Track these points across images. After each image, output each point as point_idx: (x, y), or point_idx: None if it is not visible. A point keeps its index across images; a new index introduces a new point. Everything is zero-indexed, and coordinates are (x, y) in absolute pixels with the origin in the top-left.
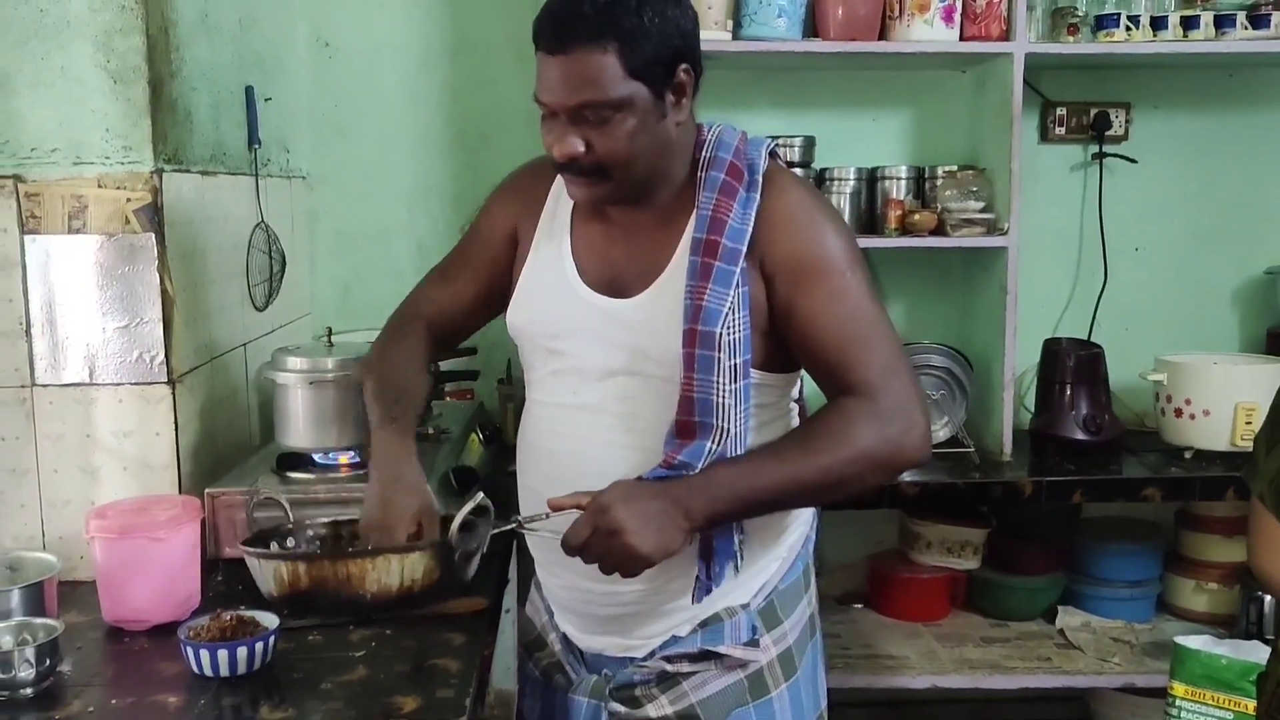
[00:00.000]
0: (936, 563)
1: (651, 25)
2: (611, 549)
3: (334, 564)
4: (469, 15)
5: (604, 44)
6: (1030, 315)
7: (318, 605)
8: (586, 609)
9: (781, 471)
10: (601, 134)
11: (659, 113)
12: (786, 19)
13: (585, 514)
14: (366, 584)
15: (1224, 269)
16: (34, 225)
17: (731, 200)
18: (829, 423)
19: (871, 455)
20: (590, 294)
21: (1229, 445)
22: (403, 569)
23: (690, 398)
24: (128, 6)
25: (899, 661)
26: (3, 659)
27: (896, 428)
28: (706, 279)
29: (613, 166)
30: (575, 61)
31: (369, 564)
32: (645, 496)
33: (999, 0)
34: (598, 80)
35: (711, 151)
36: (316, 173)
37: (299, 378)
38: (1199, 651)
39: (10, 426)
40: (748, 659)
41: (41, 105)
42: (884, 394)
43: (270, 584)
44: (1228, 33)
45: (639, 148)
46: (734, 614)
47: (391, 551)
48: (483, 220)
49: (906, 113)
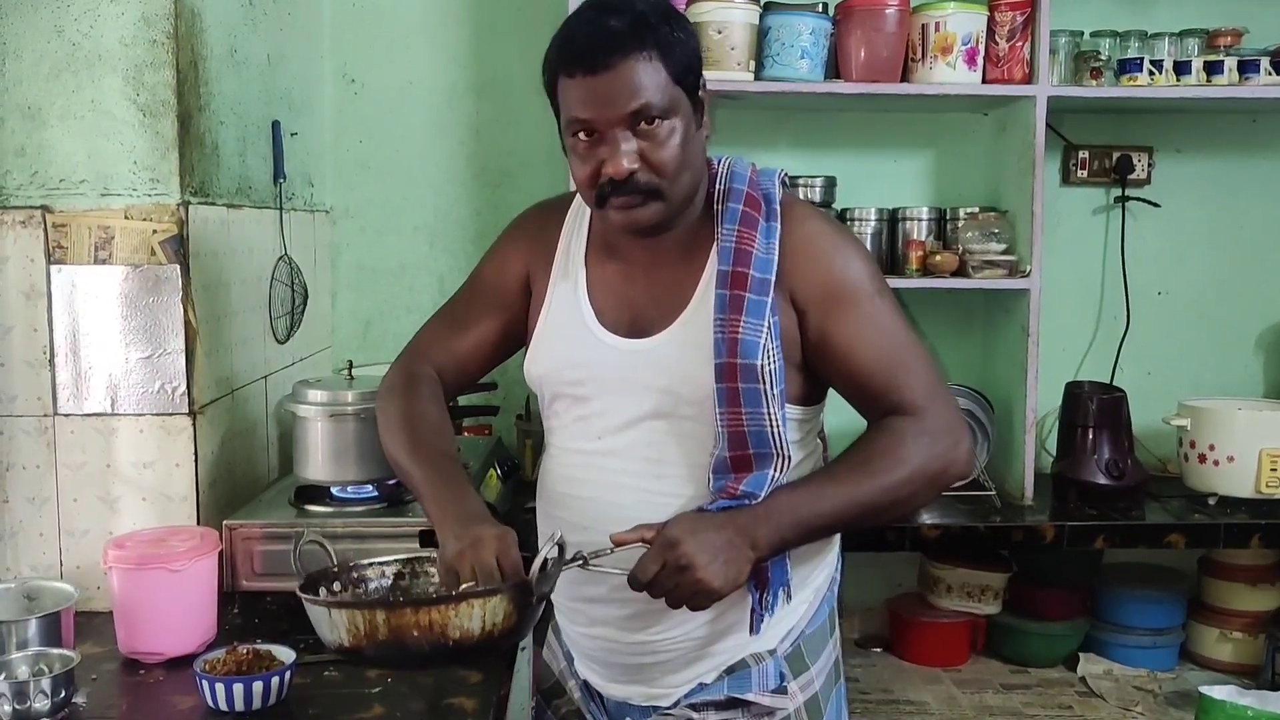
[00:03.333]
0: (957, 607)
1: (680, 37)
2: (682, 584)
3: (416, 612)
4: (492, 55)
5: (648, 51)
6: (1052, 358)
7: (391, 654)
8: (612, 658)
9: (842, 495)
10: (653, 144)
11: (696, 122)
12: (809, 60)
13: (653, 549)
14: (449, 631)
15: (1247, 314)
16: (60, 255)
17: (753, 231)
18: (881, 444)
19: (926, 473)
20: (611, 337)
21: (1253, 492)
22: (485, 614)
23: (741, 432)
24: (159, 41)
25: (918, 707)
26: (19, 689)
27: (945, 444)
28: (738, 311)
29: (666, 178)
30: (622, 73)
31: (452, 611)
32: (711, 528)
33: (1022, 43)
34: (649, 85)
35: (726, 184)
36: (340, 207)
37: (319, 410)
38: (1224, 702)
39: (31, 455)
40: (775, 707)
41: (71, 137)
42: (930, 413)
43: (342, 635)
44: (1251, 78)
45: (688, 155)
46: (761, 660)
47: (474, 596)
48: (491, 264)
49: (928, 154)
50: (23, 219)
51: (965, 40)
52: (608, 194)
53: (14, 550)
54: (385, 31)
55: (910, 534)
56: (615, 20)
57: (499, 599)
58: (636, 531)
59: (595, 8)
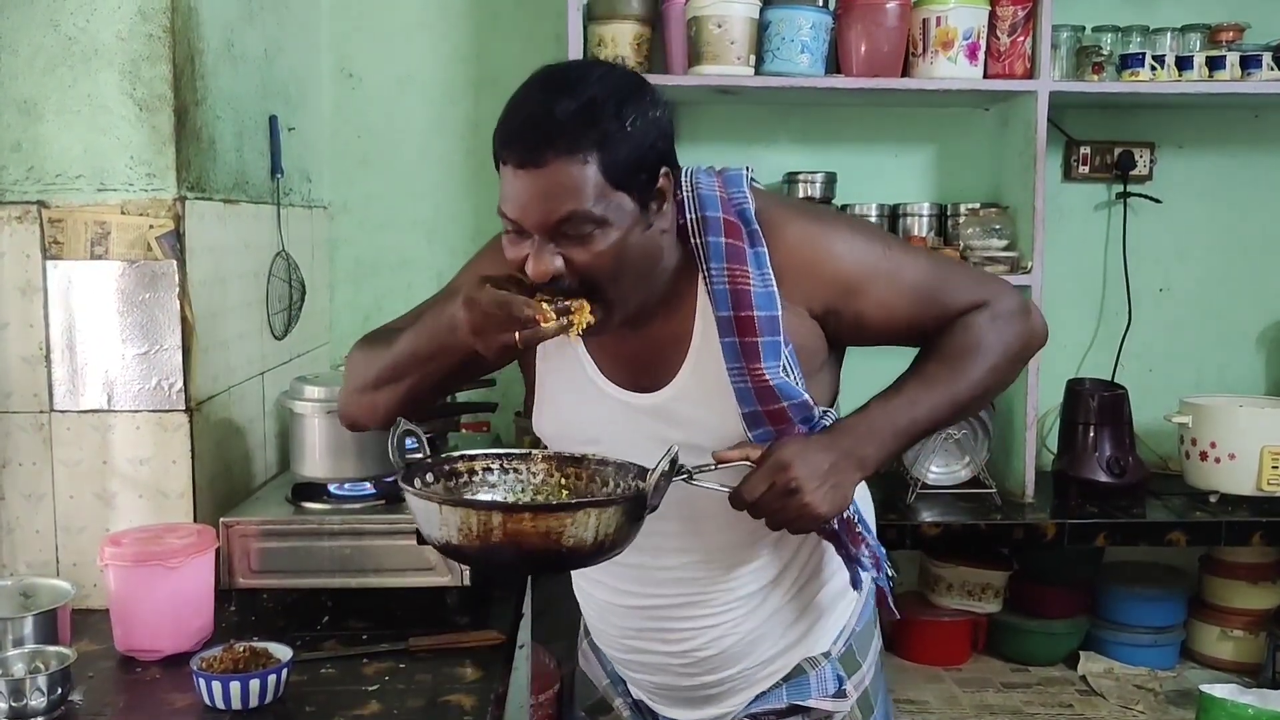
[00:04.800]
0: (957, 605)
1: (633, 129)
2: (788, 508)
3: (535, 518)
4: (492, 49)
5: (584, 154)
6: (1053, 355)
7: (498, 558)
8: (673, 695)
9: (936, 395)
10: (582, 249)
11: (644, 223)
12: (809, 54)
13: (762, 469)
14: (564, 539)
15: (1249, 311)
16: (56, 251)
17: (743, 265)
18: (961, 339)
19: (1009, 354)
20: (619, 391)
21: (1255, 489)
22: (599, 524)
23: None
24: (155, 35)
25: (919, 706)
26: (15, 687)
27: (1019, 322)
28: (756, 359)
29: (597, 284)
30: (552, 174)
31: (570, 519)
32: (819, 449)
33: (1023, 38)
34: (579, 193)
35: (698, 212)
36: (338, 202)
37: (317, 407)
38: (1225, 700)
39: (27, 452)
40: (835, 710)
41: (67, 132)
42: (993, 300)
43: (452, 533)
44: (1253, 73)
45: (625, 262)
46: (816, 664)
47: (592, 506)
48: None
49: (929, 149)
50: (18, 214)
51: (967, 35)
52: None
53: (10, 547)
54: (384, 25)
55: (910, 532)
56: (560, 106)
57: (615, 510)
58: (740, 450)
59: (547, 82)
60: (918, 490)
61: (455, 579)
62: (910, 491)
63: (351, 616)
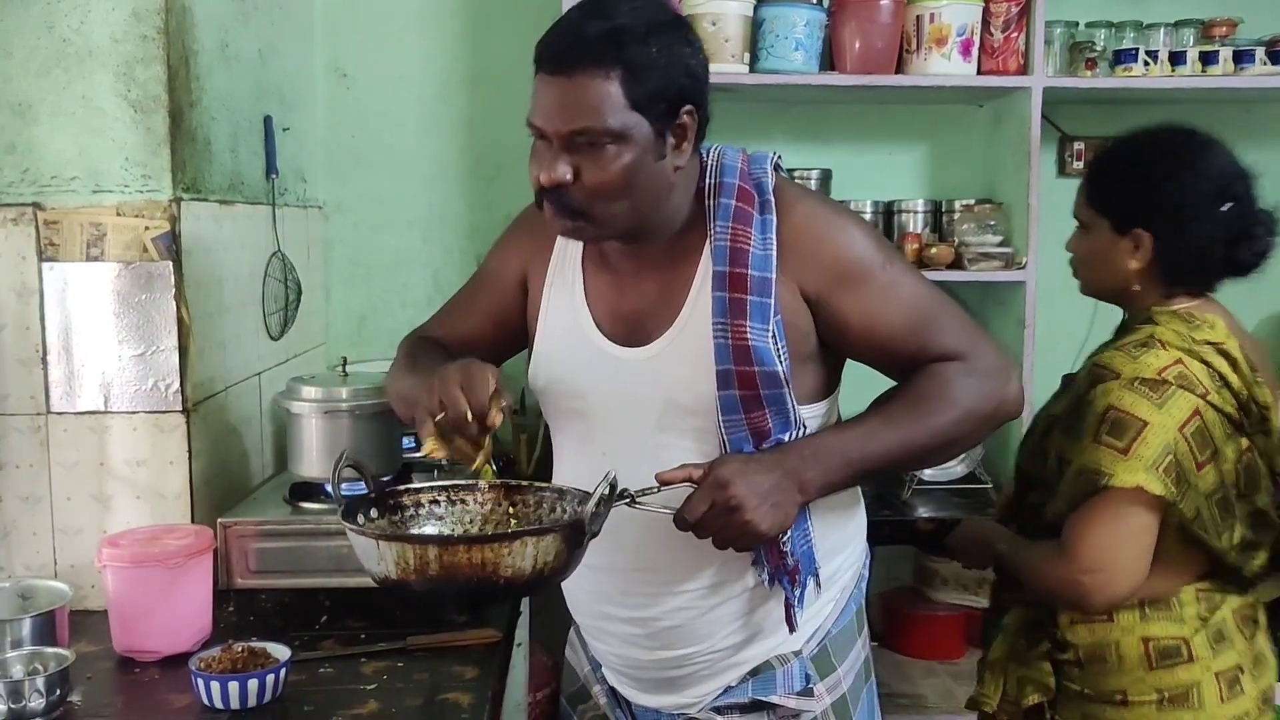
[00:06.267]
0: (953, 600)
1: (659, 58)
2: (730, 525)
3: (469, 549)
4: (485, 48)
5: (608, 69)
6: (1048, 350)
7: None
8: (640, 674)
9: (892, 436)
10: (593, 164)
11: (657, 152)
12: (804, 52)
13: (702, 489)
14: (501, 569)
15: (1242, 305)
16: (52, 253)
17: (748, 227)
18: (930, 386)
19: (978, 414)
20: (610, 346)
21: None
22: (537, 552)
23: (766, 429)
24: (149, 37)
25: (914, 701)
26: (13, 688)
27: (995, 383)
28: (742, 316)
29: (598, 201)
30: (576, 85)
31: (506, 549)
32: (760, 470)
33: (1017, 34)
34: (598, 107)
35: (716, 178)
36: (333, 202)
37: (313, 407)
38: None
39: (24, 454)
40: (801, 709)
41: (62, 134)
42: (973, 356)
43: (390, 568)
44: (1246, 68)
45: (631, 185)
46: (786, 661)
47: (529, 535)
48: (494, 258)
49: (923, 146)
50: (14, 216)
51: (960, 31)
52: (541, 198)
53: (8, 549)
54: (377, 25)
55: (905, 527)
56: (593, 26)
57: (552, 538)
58: (683, 470)
59: (586, 4)
60: (913, 486)
61: None
62: (906, 487)
63: (349, 616)
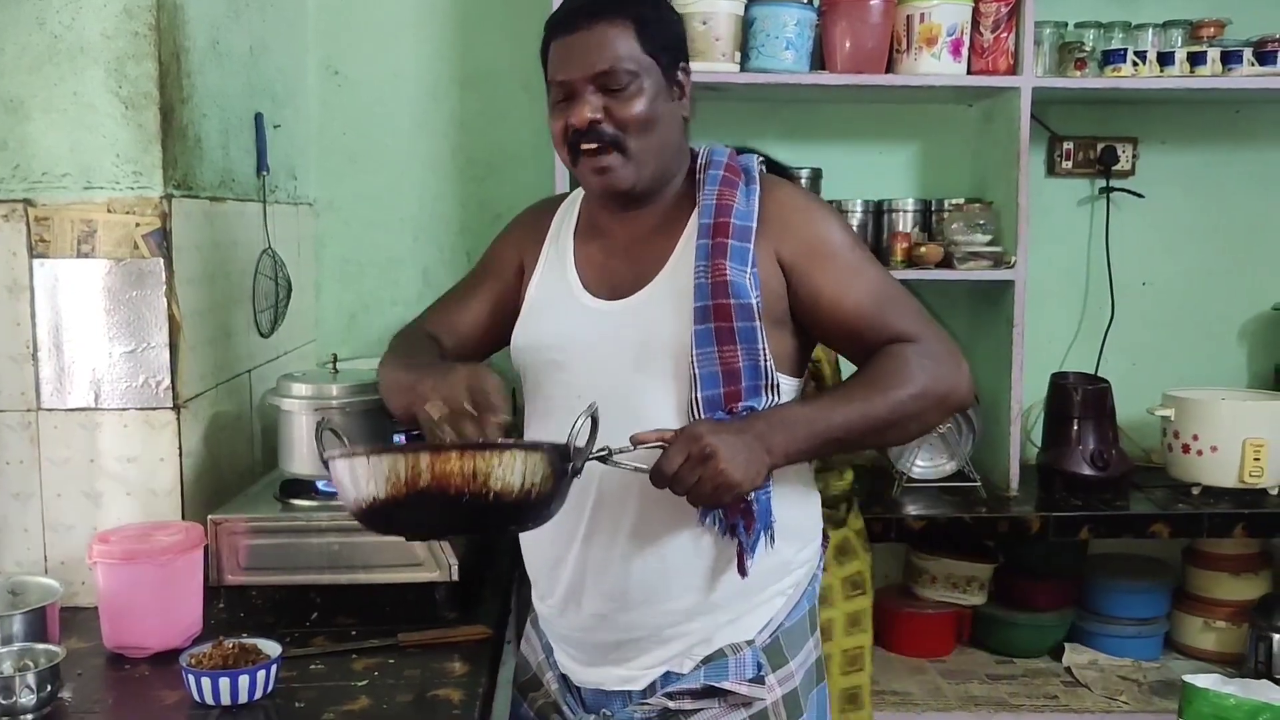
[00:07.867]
0: (942, 598)
1: (663, 15)
2: (705, 476)
3: (461, 456)
4: (478, 48)
5: (624, 20)
6: (1037, 349)
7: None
8: (588, 636)
9: (854, 409)
10: (619, 103)
11: (670, 94)
12: (794, 51)
13: (677, 443)
14: (491, 481)
15: (1232, 304)
16: (43, 249)
17: (734, 190)
18: (888, 364)
19: (932, 393)
20: (592, 300)
21: (1237, 482)
22: (526, 468)
23: (735, 369)
24: (141, 33)
25: (903, 698)
26: (4, 684)
27: (948, 366)
28: (723, 256)
29: (630, 132)
30: (596, 34)
31: (496, 458)
32: (730, 430)
33: (1006, 34)
34: (619, 50)
35: (706, 158)
36: (324, 200)
37: (304, 404)
38: (1208, 690)
39: (14, 450)
40: (752, 696)
41: (53, 130)
42: (927, 339)
43: (380, 486)
44: (1234, 69)
45: (656, 118)
46: (739, 650)
47: (519, 448)
48: (491, 250)
49: (913, 146)
50: (4, 212)
51: (950, 31)
52: (576, 144)
53: None
54: (369, 23)
55: (895, 525)
56: None
57: (540, 455)
58: (656, 432)
59: None
60: (903, 484)
61: (444, 574)
62: (895, 485)
63: (340, 612)
